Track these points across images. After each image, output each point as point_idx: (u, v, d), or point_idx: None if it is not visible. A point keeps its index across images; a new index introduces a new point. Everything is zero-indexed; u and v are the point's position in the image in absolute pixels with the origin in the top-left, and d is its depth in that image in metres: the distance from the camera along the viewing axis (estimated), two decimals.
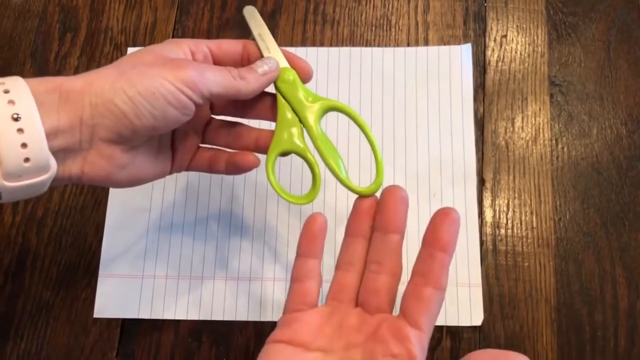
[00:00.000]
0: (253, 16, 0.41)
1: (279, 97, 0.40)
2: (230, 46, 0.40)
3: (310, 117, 0.40)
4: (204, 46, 0.38)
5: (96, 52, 0.57)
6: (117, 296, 0.50)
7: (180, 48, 0.37)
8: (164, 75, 0.33)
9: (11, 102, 0.30)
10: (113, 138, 0.34)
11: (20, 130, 0.30)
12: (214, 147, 0.43)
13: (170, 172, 0.41)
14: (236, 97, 0.38)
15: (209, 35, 0.57)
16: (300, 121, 0.40)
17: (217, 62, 0.39)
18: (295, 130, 0.40)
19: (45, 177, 0.31)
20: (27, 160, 0.30)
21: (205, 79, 0.35)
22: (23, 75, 0.57)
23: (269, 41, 0.40)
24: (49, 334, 0.49)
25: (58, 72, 0.56)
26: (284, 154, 0.40)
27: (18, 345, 0.49)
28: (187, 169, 0.42)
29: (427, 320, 0.33)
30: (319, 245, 0.38)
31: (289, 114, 0.40)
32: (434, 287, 0.33)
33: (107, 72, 0.34)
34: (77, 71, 0.56)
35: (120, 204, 0.52)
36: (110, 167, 0.35)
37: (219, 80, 0.36)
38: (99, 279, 0.50)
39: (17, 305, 0.50)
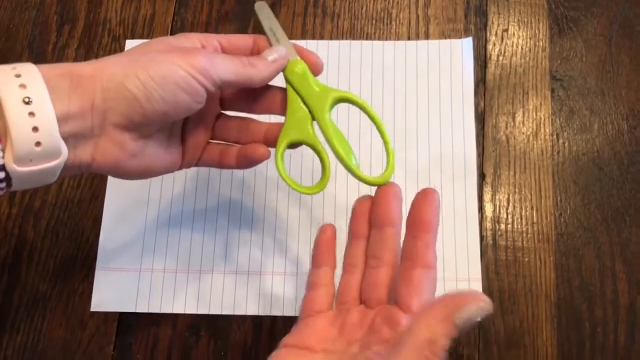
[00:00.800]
0: (264, 11, 0.41)
1: (289, 88, 0.40)
2: (240, 40, 0.40)
3: (321, 108, 0.39)
4: (214, 40, 0.38)
5: (94, 44, 0.57)
6: (114, 290, 0.49)
7: (191, 41, 0.37)
8: (176, 61, 0.34)
9: (22, 86, 0.30)
10: (124, 123, 0.34)
11: (31, 113, 0.30)
12: (224, 142, 0.42)
13: (180, 167, 0.41)
14: (247, 85, 0.38)
15: (207, 27, 0.57)
16: (310, 112, 0.40)
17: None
18: (305, 121, 0.39)
19: (56, 162, 0.31)
20: (38, 144, 0.30)
21: (216, 65, 0.35)
22: None
23: (280, 35, 0.40)
24: (45, 327, 0.49)
25: None
26: (294, 144, 0.40)
27: (14, 338, 0.48)
28: (197, 164, 0.42)
29: (418, 301, 0.33)
30: (329, 254, 0.39)
31: (299, 105, 0.39)
32: (421, 267, 0.33)
33: (118, 58, 0.34)
34: None
35: (118, 197, 0.51)
36: (121, 155, 0.35)
37: (229, 67, 0.36)
38: (96, 273, 0.50)
39: (14, 298, 0.49)
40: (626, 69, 0.53)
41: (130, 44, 0.56)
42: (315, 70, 0.40)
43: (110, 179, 0.52)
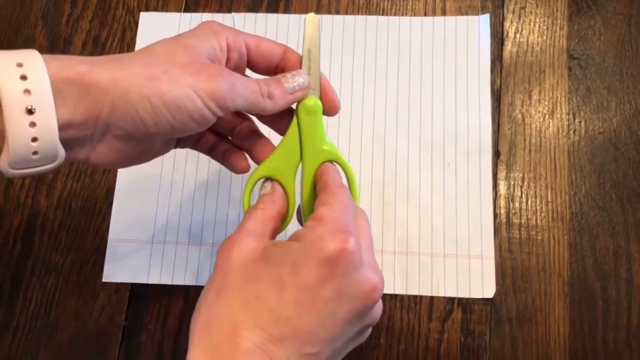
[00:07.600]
0: (311, 26, 0.38)
1: (294, 122, 0.38)
2: (269, 49, 0.37)
3: (310, 161, 0.38)
4: (242, 42, 0.36)
5: (108, 16, 0.56)
6: (126, 261, 0.49)
7: (218, 42, 0.35)
8: (195, 86, 0.32)
9: (27, 91, 0.28)
10: (126, 136, 0.33)
11: (32, 123, 0.28)
12: (219, 134, 0.41)
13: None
14: (258, 114, 0.37)
15: (222, 2, 0.56)
16: (301, 155, 0.38)
17: (252, 63, 0.38)
18: (291, 163, 0.38)
19: (52, 165, 0.31)
20: (35, 153, 0.29)
21: (234, 93, 0.33)
22: (34, 39, 0.57)
23: (314, 61, 0.38)
24: (57, 297, 0.49)
25: (69, 36, 0.56)
26: (267, 178, 0.38)
27: (27, 307, 0.49)
28: (190, 148, 0.41)
29: None
30: None
31: (295, 144, 0.38)
32: None
33: (137, 70, 0.32)
34: (88, 35, 0.56)
35: (131, 169, 0.51)
36: (117, 158, 0.34)
37: (247, 97, 0.34)
38: (109, 244, 0.50)
39: (27, 268, 0.49)
40: None
41: (144, 16, 0.56)
42: (331, 111, 0.39)
43: None
